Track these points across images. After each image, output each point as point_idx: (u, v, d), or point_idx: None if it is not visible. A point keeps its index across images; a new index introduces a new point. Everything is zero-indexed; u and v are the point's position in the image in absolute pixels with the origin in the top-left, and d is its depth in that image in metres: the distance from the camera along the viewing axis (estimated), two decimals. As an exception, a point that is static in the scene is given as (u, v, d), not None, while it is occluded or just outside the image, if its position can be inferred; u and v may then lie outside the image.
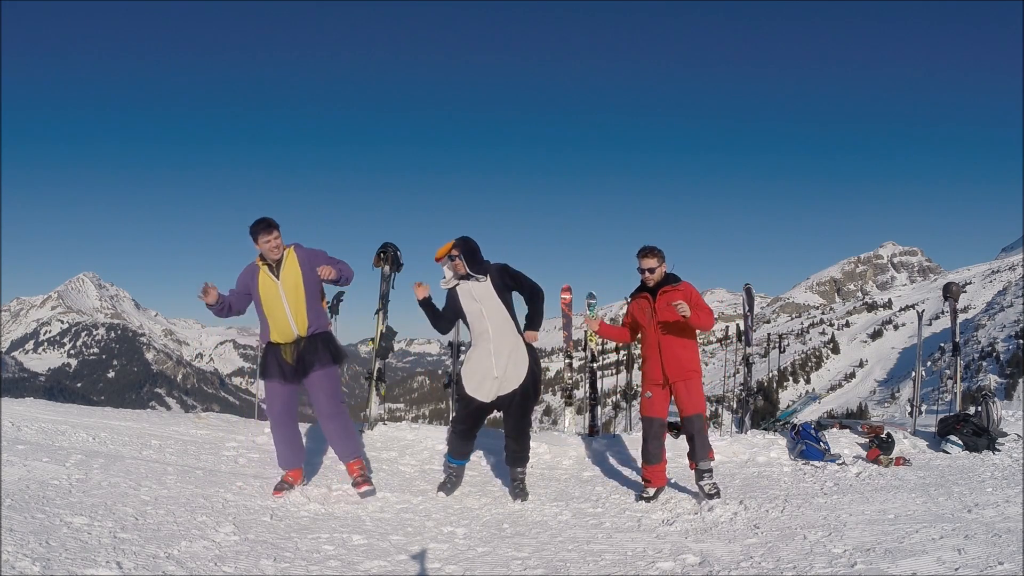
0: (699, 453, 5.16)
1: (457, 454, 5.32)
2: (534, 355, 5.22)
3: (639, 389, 7.79)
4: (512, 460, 5.27)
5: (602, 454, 6.57)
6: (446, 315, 5.32)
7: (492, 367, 5.07)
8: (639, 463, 5.53)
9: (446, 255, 5.12)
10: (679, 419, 5.31)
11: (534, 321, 5.22)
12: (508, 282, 5.18)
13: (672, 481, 5.66)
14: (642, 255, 5.25)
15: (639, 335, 5.42)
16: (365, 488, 4.98)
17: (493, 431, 7.55)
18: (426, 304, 5.31)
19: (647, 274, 5.24)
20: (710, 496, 5.08)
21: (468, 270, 5.10)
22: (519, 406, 5.17)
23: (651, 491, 5.20)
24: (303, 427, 7.40)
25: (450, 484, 5.30)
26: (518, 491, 5.20)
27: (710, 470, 5.20)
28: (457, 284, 5.19)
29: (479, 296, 5.12)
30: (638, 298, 5.32)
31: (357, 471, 5.07)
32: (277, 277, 4.89)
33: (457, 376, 5.31)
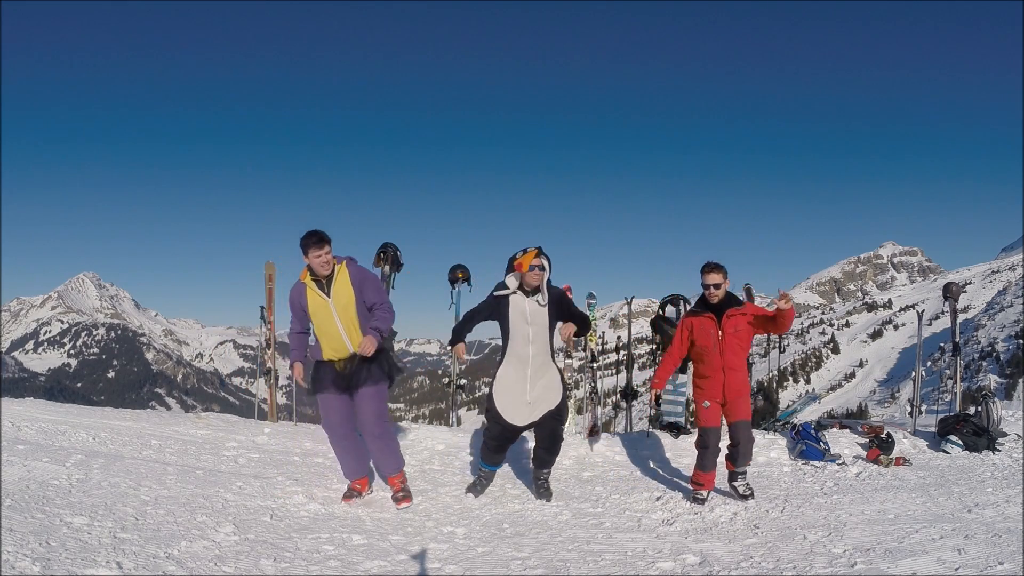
0: (742, 459, 5.23)
1: (490, 461, 5.30)
2: (564, 380, 5.21)
3: (639, 389, 7.79)
4: (539, 463, 5.28)
5: (602, 454, 6.57)
6: (477, 321, 5.16)
7: (526, 392, 5.01)
8: (643, 464, 5.53)
9: (532, 262, 4.88)
10: (729, 425, 5.28)
11: (580, 326, 5.08)
12: (562, 312, 5.05)
13: (673, 481, 5.66)
14: (707, 271, 5.17)
15: (687, 353, 5.35)
16: (405, 504, 4.89)
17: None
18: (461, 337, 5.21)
19: (712, 290, 5.16)
20: (744, 497, 5.14)
21: (544, 287, 4.94)
22: (552, 424, 5.13)
23: (704, 493, 5.21)
24: (309, 427, 7.41)
25: (480, 487, 5.29)
26: (543, 491, 5.21)
27: (745, 472, 5.30)
28: (512, 294, 5.00)
29: (532, 319, 4.97)
30: (701, 317, 5.22)
31: (399, 485, 5.00)
32: (328, 294, 4.80)
33: (490, 395, 5.17)
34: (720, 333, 5.13)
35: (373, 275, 5.05)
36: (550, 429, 5.14)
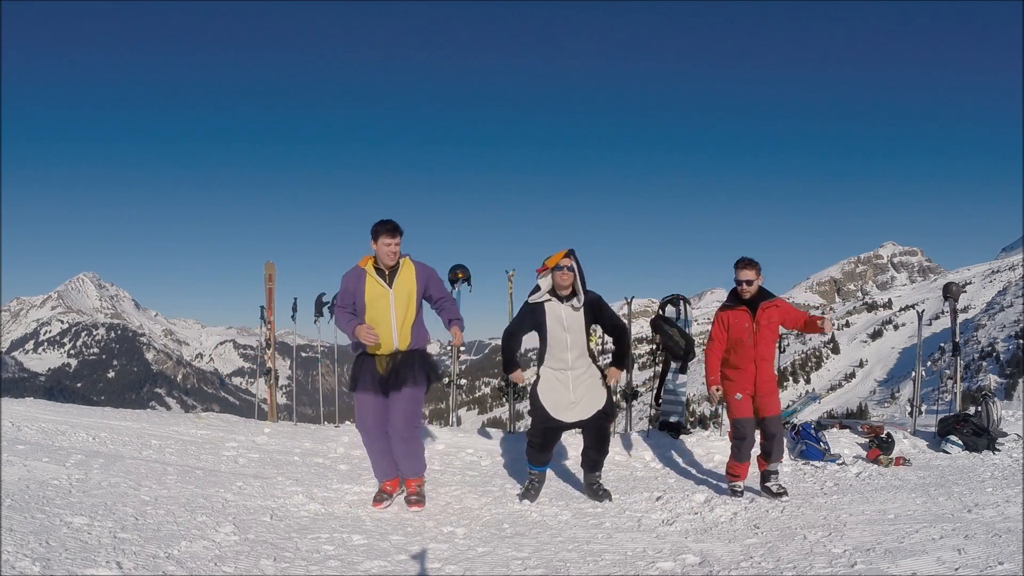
0: (775, 454, 5.30)
1: (537, 461, 5.24)
2: (606, 381, 5.15)
3: (639, 389, 7.79)
4: (590, 466, 5.26)
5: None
6: (520, 337, 5.15)
7: (569, 393, 5.02)
8: (643, 464, 5.52)
9: (556, 264, 4.87)
10: (759, 421, 5.32)
11: (623, 361, 5.20)
12: (596, 316, 5.06)
13: (673, 481, 5.66)
14: (740, 266, 5.25)
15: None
16: (416, 508, 4.83)
17: (495, 431, 7.55)
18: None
19: (744, 286, 5.24)
20: (778, 495, 5.18)
21: (576, 288, 4.94)
22: (599, 424, 5.12)
23: (741, 485, 5.30)
24: (309, 427, 7.41)
25: (533, 490, 5.20)
26: (600, 493, 5.17)
27: (777, 471, 5.35)
28: (547, 300, 4.99)
29: (568, 324, 4.97)
30: (736, 311, 5.30)
31: (415, 489, 4.95)
32: (389, 285, 4.72)
33: (533, 396, 5.14)
34: (755, 326, 5.22)
35: (434, 271, 4.98)
36: (598, 428, 5.12)
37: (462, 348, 5.15)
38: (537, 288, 5.04)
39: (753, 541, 4.08)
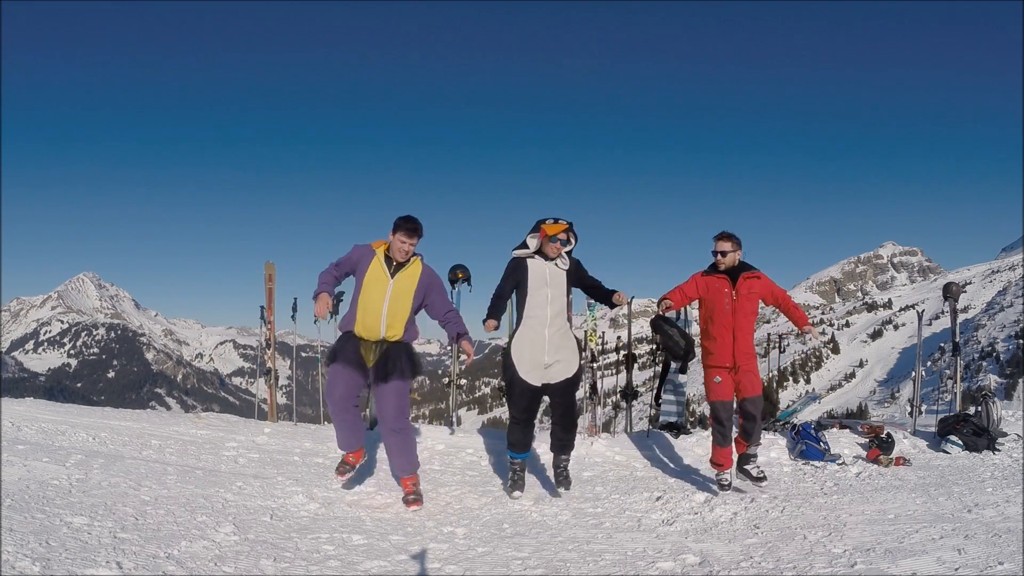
0: (755, 436, 5.29)
1: (520, 446, 5.20)
2: (581, 349, 5.22)
3: (639, 389, 7.79)
4: (559, 448, 5.22)
5: (602, 454, 6.57)
6: (508, 293, 5.12)
7: (544, 354, 5.01)
8: (643, 464, 5.52)
9: (554, 235, 4.94)
10: (739, 402, 5.30)
11: (613, 292, 5.18)
12: (580, 279, 5.17)
13: (673, 481, 5.66)
14: (717, 238, 5.32)
15: (692, 308, 5.40)
16: (415, 507, 4.82)
17: (496, 432, 7.55)
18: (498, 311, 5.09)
19: (719, 257, 5.29)
20: (757, 480, 5.18)
21: (567, 255, 5.04)
22: (571, 394, 5.15)
23: (727, 476, 5.25)
24: (309, 427, 7.41)
25: (516, 481, 5.20)
26: (562, 478, 5.16)
27: (756, 455, 5.34)
28: (532, 257, 5.04)
29: (552, 281, 5.03)
30: (715, 276, 5.30)
31: (411, 487, 4.94)
32: (392, 276, 4.77)
33: (507, 361, 5.14)
34: (734, 293, 5.21)
35: (443, 282, 5.04)
36: (565, 403, 5.13)
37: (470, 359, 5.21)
38: (524, 245, 5.07)
39: (753, 541, 4.08)
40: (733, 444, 5.35)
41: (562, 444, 5.21)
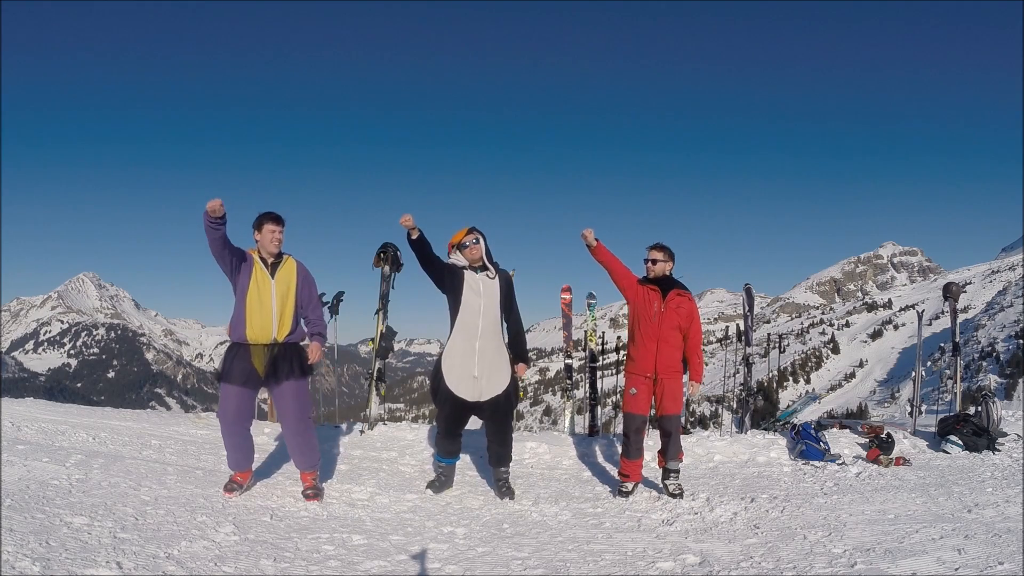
0: (671, 451, 5.34)
1: (445, 452, 5.29)
2: (513, 366, 5.17)
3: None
4: (496, 461, 5.27)
5: (602, 454, 6.57)
6: (436, 268, 5.06)
7: (474, 366, 5.01)
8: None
9: (460, 241, 5.00)
10: (658, 418, 5.40)
11: (524, 357, 5.21)
12: (508, 295, 5.15)
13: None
14: (651, 248, 5.40)
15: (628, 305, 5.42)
16: (315, 502, 4.84)
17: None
18: (420, 244, 4.95)
19: (649, 264, 5.37)
20: (674, 496, 5.22)
21: (485, 258, 5.03)
22: (502, 412, 5.16)
23: (630, 486, 5.33)
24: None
25: (439, 483, 5.29)
26: (504, 490, 5.21)
27: (678, 471, 5.40)
28: (465, 268, 5.06)
29: (483, 291, 5.03)
30: (649, 286, 5.35)
31: (311, 482, 4.99)
32: (272, 276, 4.82)
33: (436, 370, 5.16)
34: (662, 305, 5.27)
35: (314, 281, 5.06)
36: (497, 421, 5.15)
37: (327, 363, 5.24)
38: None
39: (753, 541, 4.09)
40: (642, 457, 5.41)
41: (499, 457, 5.25)
